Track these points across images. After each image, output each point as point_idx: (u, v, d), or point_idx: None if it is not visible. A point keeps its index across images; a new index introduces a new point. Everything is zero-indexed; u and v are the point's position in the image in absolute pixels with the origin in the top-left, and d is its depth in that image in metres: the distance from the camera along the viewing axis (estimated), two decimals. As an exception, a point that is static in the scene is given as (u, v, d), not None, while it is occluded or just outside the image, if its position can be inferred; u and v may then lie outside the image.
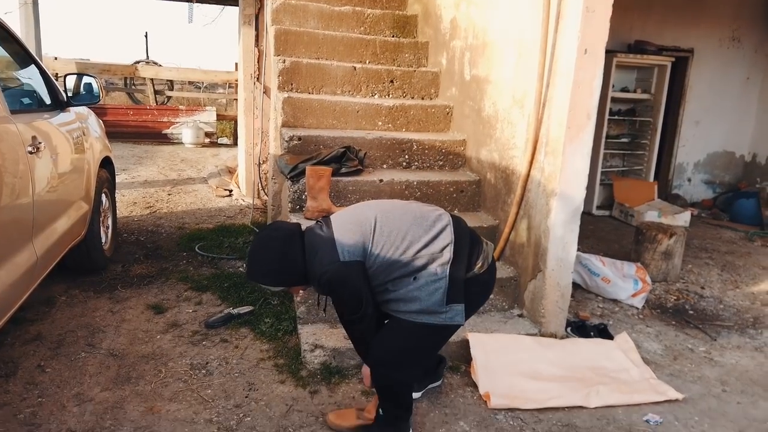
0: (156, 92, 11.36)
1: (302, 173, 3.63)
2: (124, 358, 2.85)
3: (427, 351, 2.27)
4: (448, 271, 2.03)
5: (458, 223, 2.15)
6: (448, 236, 2.07)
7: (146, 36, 14.13)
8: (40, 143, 2.63)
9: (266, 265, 2.07)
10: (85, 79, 3.45)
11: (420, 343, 2.17)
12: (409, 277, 2.03)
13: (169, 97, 12.16)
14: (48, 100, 3.22)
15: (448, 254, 2.04)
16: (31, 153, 2.51)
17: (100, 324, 3.18)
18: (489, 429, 2.53)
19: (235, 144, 10.24)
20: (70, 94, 3.37)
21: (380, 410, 2.32)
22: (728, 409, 2.83)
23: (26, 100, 3.07)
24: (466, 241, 2.11)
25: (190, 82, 13.75)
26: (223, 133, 10.93)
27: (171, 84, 12.34)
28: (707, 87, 6.95)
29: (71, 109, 3.43)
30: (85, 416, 2.38)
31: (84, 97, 3.42)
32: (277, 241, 2.06)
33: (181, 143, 10.01)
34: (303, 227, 2.16)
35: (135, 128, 9.92)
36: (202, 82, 13.89)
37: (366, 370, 2.31)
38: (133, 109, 10.24)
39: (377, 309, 2.14)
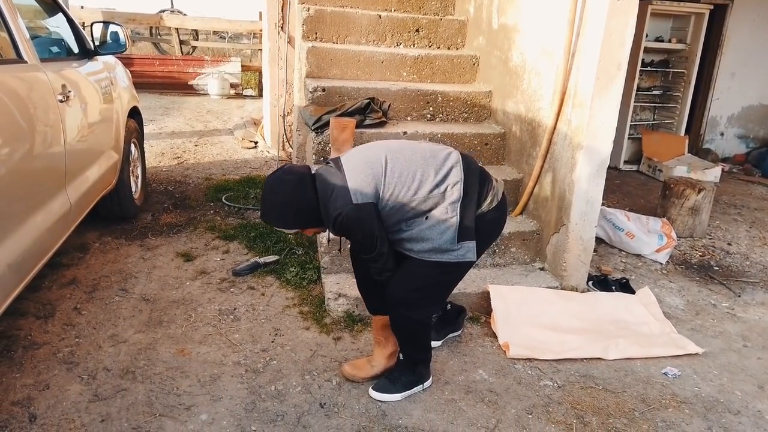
0: (181, 42, 11.30)
1: (326, 125, 3.63)
2: (156, 303, 2.97)
3: (443, 289, 2.29)
4: (458, 209, 2.05)
5: (467, 161, 2.14)
6: (457, 174, 2.07)
7: (170, -16, 13.98)
8: (69, 92, 2.67)
9: (280, 207, 2.04)
10: (112, 28, 3.46)
11: (435, 282, 2.20)
12: (421, 216, 2.05)
13: (194, 48, 12.09)
14: (76, 49, 3.25)
15: (457, 192, 2.05)
16: (61, 102, 2.56)
17: (132, 270, 3.29)
18: (507, 377, 2.60)
19: (260, 95, 10.20)
20: (96, 43, 3.39)
21: (401, 355, 2.40)
22: (748, 364, 2.85)
23: (54, 49, 3.10)
24: (476, 179, 2.11)
25: (214, 32, 13.64)
26: (248, 84, 10.88)
27: (196, 34, 12.25)
28: (746, 37, 6.66)
29: (99, 58, 3.45)
30: (120, 356, 2.50)
31: (110, 46, 3.43)
32: (290, 184, 2.03)
33: (207, 94, 10.01)
34: (312, 170, 2.14)
35: (161, 79, 9.93)
36: (227, 32, 13.76)
37: (377, 321, 2.40)
38: (159, 60, 10.23)
39: (394, 251, 2.15)
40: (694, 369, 2.76)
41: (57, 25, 3.17)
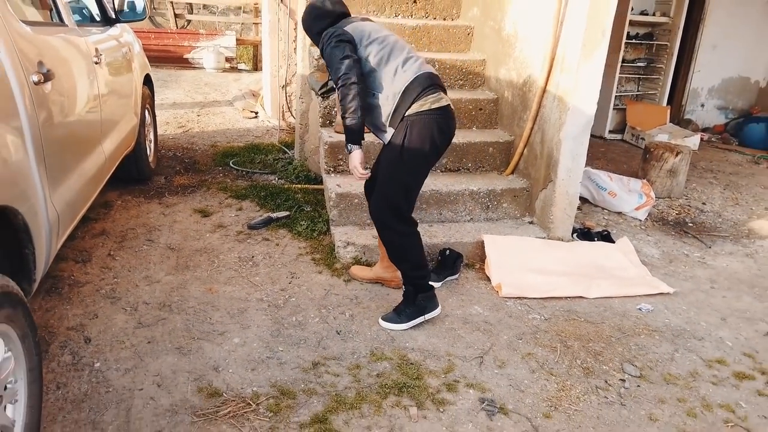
0: (176, 16, 11.38)
1: (331, 90, 3.88)
2: (181, 251, 3.25)
3: (400, 187, 2.62)
4: (397, 99, 2.53)
5: (426, 70, 2.60)
6: (410, 74, 2.54)
7: (162, -43, 13.89)
8: (101, 55, 2.91)
9: (313, 10, 2.70)
10: (129, -3, 3.66)
11: (392, 175, 2.61)
12: (373, 91, 2.57)
13: (188, 21, 12.17)
14: (97, 16, 3.46)
15: (401, 85, 2.52)
16: (96, 63, 2.80)
17: (155, 224, 3.57)
18: (500, 311, 2.92)
19: (255, 69, 10.36)
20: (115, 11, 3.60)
21: (404, 287, 2.72)
22: (714, 301, 3.20)
23: (82, 15, 3.32)
24: (421, 84, 2.53)
25: (204, 6, 13.66)
26: (241, 58, 11.01)
27: (190, 7, 12.31)
28: (726, 11, 6.94)
29: (117, 25, 3.66)
30: (155, 293, 2.80)
31: (129, 14, 3.64)
32: (330, 4, 2.68)
33: (203, 68, 10.14)
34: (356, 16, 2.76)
35: (156, 52, 10.00)
36: (217, 6, 13.78)
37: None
38: (155, 33, 10.30)
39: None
40: (665, 305, 3.11)
41: (81, -7, 3.38)
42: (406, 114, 2.52)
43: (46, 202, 1.96)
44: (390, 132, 2.59)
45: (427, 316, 2.73)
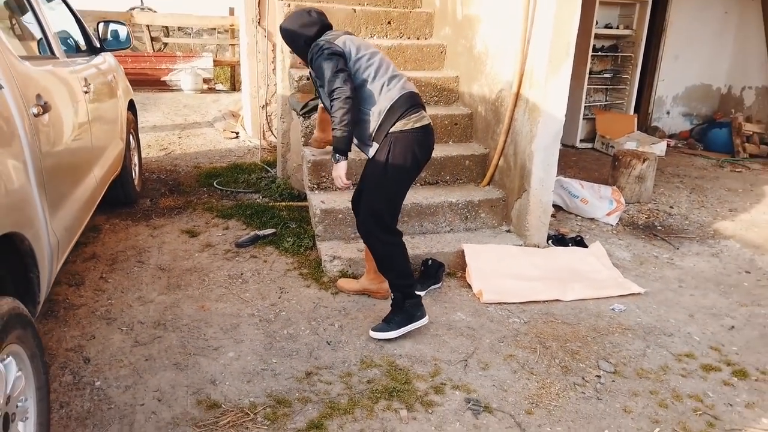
0: (152, 39, 11.46)
1: (313, 109, 4.03)
2: (171, 271, 3.34)
3: (385, 199, 2.77)
4: (382, 117, 2.66)
5: (410, 89, 2.74)
6: (396, 92, 2.68)
7: (138, -20, 13.96)
8: (90, 84, 3.02)
9: (292, 24, 2.78)
10: (112, 26, 3.76)
11: (377, 186, 2.74)
12: (360, 106, 2.67)
13: (165, 44, 12.25)
14: (83, 45, 3.57)
15: (387, 103, 2.66)
16: (85, 92, 2.90)
17: (144, 245, 3.65)
18: (482, 317, 3.07)
19: (232, 89, 10.48)
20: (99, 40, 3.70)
21: (392, 296, 2.84)
22: (682, 300, 3.38)
23: (68, 45, 3.42)
24: (405, 103, 2.68)
25: (179, 28, 13.74)
26: (218, 79, 11.12)
27: (166, 30, 12.40)
28: (687, 22, 7.27)
29: (102, 54, 3.77)
30: (149, 312, 2.88)
31: (113, 42, 3.74)
32: (314, 15, 2.79)
33: (180, 89, 10.23)
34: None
35: (134, 75, 10.02)
36: (192, 28, 13.88)
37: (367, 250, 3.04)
38: (132, 57, 10.37)
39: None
40: (636, 305, 3.28)
41: (67, 23, 3.48)
42: (391, 131, 2.66)
43: (47, 227, 2.06)
44: (374, 147, 2.72)
45: (416, 325, 2.83)
